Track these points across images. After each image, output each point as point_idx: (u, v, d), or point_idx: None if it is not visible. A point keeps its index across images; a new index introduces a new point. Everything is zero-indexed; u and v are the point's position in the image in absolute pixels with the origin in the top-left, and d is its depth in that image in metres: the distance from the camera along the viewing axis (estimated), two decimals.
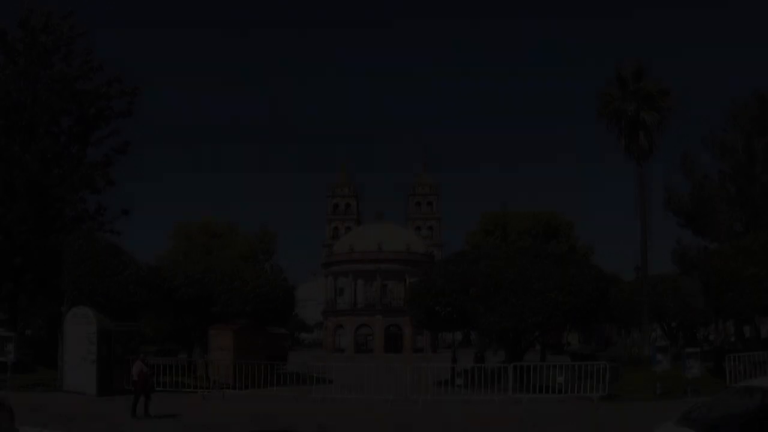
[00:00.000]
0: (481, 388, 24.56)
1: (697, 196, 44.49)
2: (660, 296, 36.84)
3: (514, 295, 27.19)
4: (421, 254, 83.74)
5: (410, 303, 31.68)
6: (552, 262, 29.54)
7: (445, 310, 29.87)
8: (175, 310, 33.95)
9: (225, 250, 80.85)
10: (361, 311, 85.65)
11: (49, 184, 30.51)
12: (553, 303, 26.98)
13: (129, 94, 32.54)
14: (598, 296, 28.50)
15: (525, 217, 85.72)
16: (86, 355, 24.04)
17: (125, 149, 33.02)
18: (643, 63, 32.09)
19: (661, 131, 31.74)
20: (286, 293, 33.62)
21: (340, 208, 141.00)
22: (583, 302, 27.78)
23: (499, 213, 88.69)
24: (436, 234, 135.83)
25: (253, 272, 33.43)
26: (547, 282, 27.25)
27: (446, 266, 30.50)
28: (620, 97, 31.82)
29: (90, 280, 25.00)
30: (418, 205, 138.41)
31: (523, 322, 27.21)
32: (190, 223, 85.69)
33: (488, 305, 27.58)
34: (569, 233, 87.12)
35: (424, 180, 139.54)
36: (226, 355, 28.23)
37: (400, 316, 78.30)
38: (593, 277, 28.71)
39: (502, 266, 28.03)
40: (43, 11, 31.64)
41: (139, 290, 26.11)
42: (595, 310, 29.37)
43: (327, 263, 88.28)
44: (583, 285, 27.67)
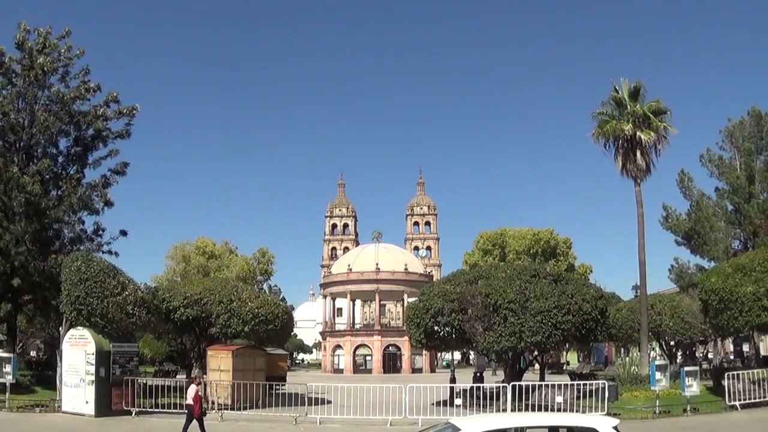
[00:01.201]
0: (480, 408, 24.49)
1: (695, 214, 44.59)
2: (658, 314, 36.89)
3: (512, 315, 27.16)
4: (420, 274, 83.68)
5: (408, 323, 31.59)
6: (550, 281, 29.55)
7: (443, 330, 29.80)
8: (173, 330, 33.91)
9: (223, 270, 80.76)
10: (360, 331, 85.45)
11: (48, 205, 30.55)
12: (551, 322, 26.94)
13: (127, 115, 32.67)
14: (596, 315, 28.49)
15: (523, 236, 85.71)
16: (84, 376, 23.99)
17: (123, 170, 33.11)
18: (640, 83, 32.26)
19: (658, 150, 31.86)
20: (284, 314, 33.59)
21: (338, 229, 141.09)
22: (582, 321, 27.77)
23: (497, 232, 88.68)
24: (434, 254, 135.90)
25: (252, 293, 33.39)
26: (546, 301, 27.23)
27: (444, 286, 30.44)
28: (617, 117, 31.99)
29: (88, 301, 24.96)
30: (416, 225, 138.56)
31: (521, 341, 27.16)
32: (187, 244, 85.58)
33: (487, 325, 27.52)
34: (567, 252, 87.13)
35: (422, 200, 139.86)
36: (225, 376, 28.17)
37: (398, 336, 78.20)
38: (592, 296, 28.69)
39: (501, 286, 28.01)
40: (40, 32, 31.82)
41: (137, 311, 26.05)
42: (594, 329, 29.35)
43: (325, 283, 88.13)
44: (581, 304, 27.66)
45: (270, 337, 33.18)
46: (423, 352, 74.90)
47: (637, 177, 31.67)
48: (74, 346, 24.66)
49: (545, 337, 27.10)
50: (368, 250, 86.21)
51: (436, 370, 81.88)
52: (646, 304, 32.19)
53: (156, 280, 75.12)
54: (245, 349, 31.60)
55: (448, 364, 71.47)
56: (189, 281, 38.29)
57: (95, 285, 25.19)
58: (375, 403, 22.78)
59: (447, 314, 28.47)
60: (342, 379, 59.78)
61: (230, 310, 30.71)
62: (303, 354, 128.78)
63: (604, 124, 31.86)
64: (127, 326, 25.95)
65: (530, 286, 28.16)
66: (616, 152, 32.03)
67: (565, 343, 35.27)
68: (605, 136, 31.88)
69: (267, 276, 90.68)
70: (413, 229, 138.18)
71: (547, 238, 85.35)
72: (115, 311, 25.11)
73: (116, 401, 24.00)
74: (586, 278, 63.39)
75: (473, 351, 49.55)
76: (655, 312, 36.22)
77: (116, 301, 25.23)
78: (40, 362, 48.26)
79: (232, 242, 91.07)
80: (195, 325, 32.33)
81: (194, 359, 33.82)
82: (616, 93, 32.22)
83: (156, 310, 28.43)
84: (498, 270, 31.29)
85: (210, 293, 31.23)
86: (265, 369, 31.95)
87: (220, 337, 31.85)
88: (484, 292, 27.84)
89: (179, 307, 30.55)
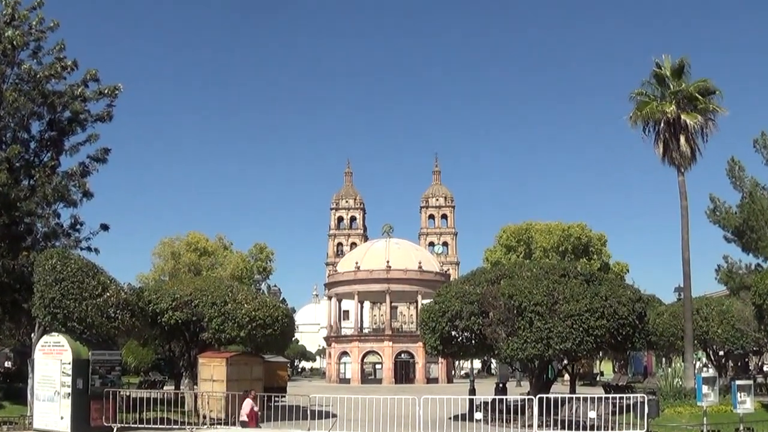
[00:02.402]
0: (503, 424, 24.40)
1: (747, 208, 44.12)
2: (705, 320, 36.52)
3: (539, 319, 27.08)
4: (435, 273, 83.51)
5: (423, 327, 31.59)
6: (582, 281, 29.48)
7: (461, 336, 29.85)
8: (160, 336, 33.89)
9: (216, 269, 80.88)
10: (369, 337, 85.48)
11: (18, 196, 30.41)
12: (583, 327, 26.86)
13: (108, 95, 32.51)
14: (634, 320, 28.37)
15: (551, 232, 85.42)
16: (59, 389, 23.91)
17: (104, 157, 32.98)
18: (685, 59, 31.83)
19: (706, 135, 31.52)
20: (284, 317, 33.52)
21: (344, 222, 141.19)
22: (618, 327, 27.66)
23: (522, 227, 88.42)
24: (451, 250, 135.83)
25: (248, 294, 33.35)
26: (577, 304, 27.15)
27: (463, 286, 30.39)
28: (658, 98, 31.66)
29: (64, 304, 24.84)
30: (431, 219, 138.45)
31: (549, 348, 27.10)
32: (176, 239, 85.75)
33: (510, 330, 27.49)
34: (601, 249, 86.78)
35: (437, 190, 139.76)
36: (218, 387, 28.15)
37: (411, 343, 78.09)
38: (629, 298, 28.57)
39: (526, 286, 27.94)
40: (8, 2, 31.63)
41: (120, 315, 25.93)
42: (631, 336, 29.23)
43: (330, 283, 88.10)
44: (617, 307, 27.55)
45: (268, 343, 33.14)
46: (439, 360, 74.78)
47: (681, 165, 31.36)
48: (48, 355, 24.57)
49: (576, 344, 27.02)
50: (378, 246, 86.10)
51: (453, 380, 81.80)
52: (690, 309, 31.90)
53: (141, 280, 75.27)
54: (241, 356, 31.60)
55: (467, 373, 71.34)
56: (178, 281, 38.25)
57: (72, 285, 25.09)
58: (385, 417, 22.70)
59: (466, 318, 28.44)
60: (349, 389, 59.77)
61: (224, 313, 30.66)
62: (305, 362, 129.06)
63: (644, 106, 31.56)
64: (109, 332, 25.85)
65: (559, 286, 28.07)
66: (656, 137, 31.75)
67: (598, 351, 35.10)
68: (645, 119, 31.60)
69: (265, 275, 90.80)
70: (428, 223, 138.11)
71: (578, 233, 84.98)
72: (95, 315, 25.02)
73: (96, 416, 23.91)
74: (622, 278, 63.17)
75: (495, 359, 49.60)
76: (701, 317, 35.86)
77: (96, 304, 25.13)
78: (9, 373, 48.40)
79: (226, 237, 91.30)
80: (185, 329, 32.33)
81: (184, 368, 33.84)
82: (657, 70, 31.86)
83: (141, 313, 28.34)
84: (523, 269, 31.20)
85: (202, 294, 31.19)
86: (263, 379, 32.03)
87: (212, 343, 31.85)
88: (507, 293, 27.78)
89: (167, 310, 30.49)
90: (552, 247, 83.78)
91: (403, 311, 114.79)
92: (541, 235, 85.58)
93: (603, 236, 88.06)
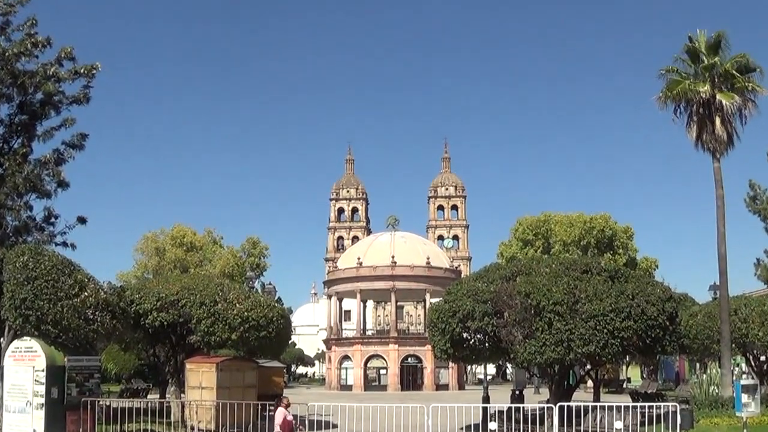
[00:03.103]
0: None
1: None
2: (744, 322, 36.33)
3: (559, 319, 27.02)
4: (445, 269, 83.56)
5: (431, 329, 31.51)
6: (606, 278, 29.44)
7: (474, 338, 29.80)
8: (143, 340, 33.92)
9: (205, 266, 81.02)
10: (372, 339, 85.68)
11: None
12: (608, 329, 26.79)
13: (85, 75, 32.46)
14: (664, 321, 28.28)
15: (572, 224, 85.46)
16: (32, 398, 23.91)
17: (81, 143, 32.94)
18: (722, 34, 31.54)
19: (744, 117, 31.34)
20: (280, 318, 33.47)
21: (345, 214, 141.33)
22: (646, 328, 27.57)
23: (540, 218, 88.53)
24: (462, 244, 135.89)
25: (241, 293, 33.29)
26: (601, 303, 27.08)
27: (475, 284, 30.33)
28: (691, 76, 31.49)
29: (37, 305, 24.80)
30: (440, 210, 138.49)
31: (570, 352, 27.05)
32: (161, 233, 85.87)
33: (527, 331, 27.45)
34: (627, 243, 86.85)
35: (447, 179, 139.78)
36: (207, 395, 28.14)
37: (419, 346, 78.22)
38: (658, 297, 28.48)
39: (544, 284, 27.88)
40: None
41: (99, 316, 25.92)
42: (661, 339, 29.14)
43: (330, 281, 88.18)
44: (645, 307, 27.47)
45: (263, 347, 33.13)
46: (449, 365, 74.98)
47: (716, 150, 31.22)
48: (19, 361, 24.56)
49: (600, 348, 26.96)
50: (382, 240, 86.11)
51: (465, 387, 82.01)
52: (727, 309, 31.77)
53: (123, 278, 75.42)
54: (232, 361, 31.59)
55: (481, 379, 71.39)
56: (163, 279, 38.19)
57: (46, 285, 25.07)
58: (391, 427, 22.75)
59: (478, 318, 28.38)
60: (351, 397, 59.79)
61: (214, 314, 30.62)
62: (303, 367, 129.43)
63: (675, 85, 31.38)
64: (87, 335, 25.84)
65: (581, 284, 28.03)
66: (689, 120, 31.61)
67: (624, 355, 35.01)
68: (676, 99, 31.44)
69: (259, 272, 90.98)
70: (437, 215, 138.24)
71: (601, 225, 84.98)
72: (71, 317, 24.99)
73: (72, 429, 23.93)
74: (650, 275, 63.03)
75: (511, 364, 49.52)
76: (740, 318, 35.67)
77: (73, 305, 25.10)
78: None
79: (216, 231, 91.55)
80: (170, 332, 32.34)
81: (170, 375, 33.87)
82: (691, 45, 31.64)
83: (122, 314, 28.34)
84: (541, 264, 31.16)
85: (189, 293, 31.15)
86: (257, 386, 32.04)
87: (201, 347, 31.88)
88: (523, 291, 27.74)
89: (151, 311, 30.45)
90: (573, 241, 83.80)
91: (410, 311, 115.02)
92: (561, 228, 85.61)
93: (629, 229, 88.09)
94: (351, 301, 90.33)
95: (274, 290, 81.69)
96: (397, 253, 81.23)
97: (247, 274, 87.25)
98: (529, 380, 64.17)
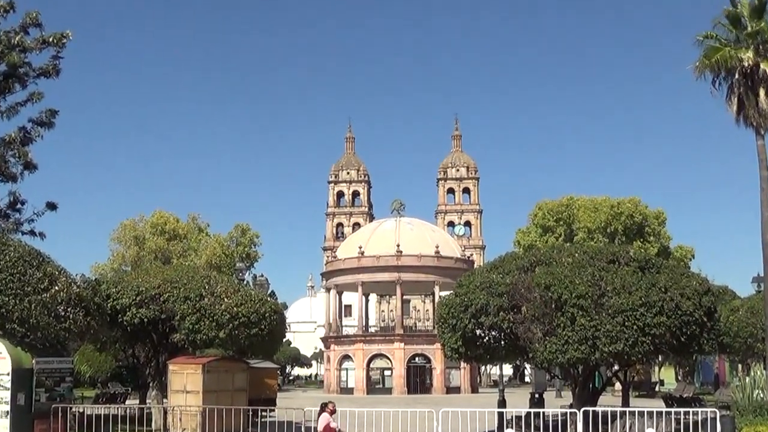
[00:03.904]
0: None
1: None
2: None
3: (583, 315, 27.01)
4: (456, 259, 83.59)
5: (441, 325, 31.54)
6: (635, 269, 29.41)
7: (488, 335, 29.79)
8: (121, 339, 33.96)
9: (190, 256, 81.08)
10: (376, 337, 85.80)
11: None
12: (637, 326, 26.79)
13: (54, 45, 32.41)
14: (701, 317, 28.28)
15: (597, 208, 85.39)
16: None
17: (50, 121, 32.93)
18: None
19: None
20: (273, 313, 33.55)
21: (345, 198, 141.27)
22: (681, 325, 27.57)
23: (562, 202, 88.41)
24: (475, 232, 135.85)
25: (229, 286, 33.36)
26: (629, 297, 27.08)
27: (490, 275, 30.31)
28: (732, 43, 31.32)
29: (2, 301, 24.88)
30: (450, 193, 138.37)
31: (595, 351, 27.04)
32: (140, 221, 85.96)
33: (548, 328, 27.46)
34: (659, 230, 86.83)
35: (458, 159, 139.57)
36: (192, 399, 28.19)
37: (427, 344, 78.34)
38: (694, 290, 28.47)
39: (567, 275, 27.87)
40: None
41: (71, 313, 25.97)
42: (698, 337, 29.14)
43: (328, 272, 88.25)
44: (679, 301, 27.47)
45: (254, 346, 33.23)
46: (461, 365, 75.12)
47: (760, 126, 31.06)
48: None
49: (629, 346, 26.96)
50: (386, 227, 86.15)
51: (479, 389, 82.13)
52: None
53: (98, 271, 75.56)
54: (220, 362, 31.69)
55: (496, 381, 71.48)
56: (143, 271, 38.29)
57: (12, 278, 25.13)
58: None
59: (493, 313, 28.40)
60: (352, 401, 59.87)
61: (200, 310, 30.72)
62: (299, 368, 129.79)
63: (714, 53, 31.19)
64: (57, 334, 25.90)
65: (607, 275, 28.05)
66: (729, 91, 31.43)
67: (656, 354, 35.00)
68: (714, 68, 31.24)
69: (250, 263, 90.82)
70: (447, 199, 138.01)
71: (630, 210, 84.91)
72: (40, 314, 25.03)
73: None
74: (685, 266, 63.05)
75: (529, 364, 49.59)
76: None
77: (42, 300, 25.15)
78: None
79: (201, 218, 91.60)
80: (151, 330, 32.47)
81: (151, 377, 33.96)
82: (732, 9, 31.48)
83: (98, 311, 28.40)
84: (563, 253, 31.13)
85: (172, 287, 31.29)
86: (247, 389, 32.11)
87: (186, 347, 31.99)
88: (543, 284, 27.75)
89: (130, 307, 30.57)
90: (598, 228, 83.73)
91: (417, 306, 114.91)
92: (585, 213, 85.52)
93: (661, 214, 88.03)
94: (352, 294, 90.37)
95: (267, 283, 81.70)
96: (403, 242, 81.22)
97: (236, 265, 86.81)
98: (549, 382, 64.29)
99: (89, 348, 47.23)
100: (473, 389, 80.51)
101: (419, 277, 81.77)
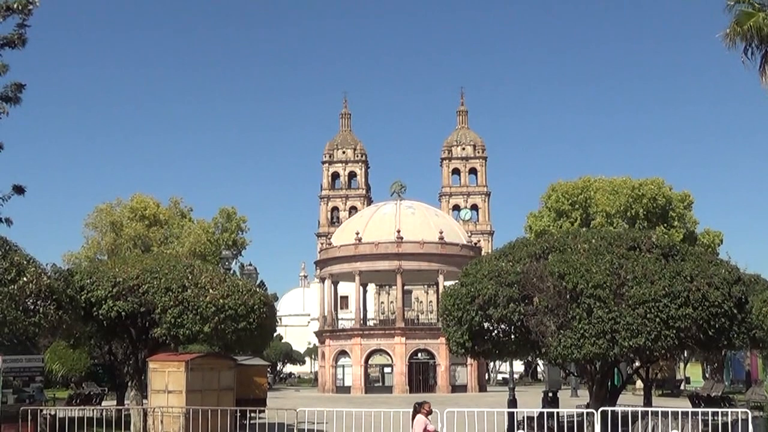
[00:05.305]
0: None
1: None
2: None
3: (600, 306, 26.97)
4: (461, 246, 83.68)
5: (446, 318, 31.51)
6: (658, 256, 29.35)
7: (497, 328, 29.77)
8: (97, 334, 33.96)
9: (171, 243, 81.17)
10: (374, 331, 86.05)
11: None
12: (660, 318, 26.74)
13: (19, 12, 32.33)
14: (730, 308, 28.17)
15: (616, 190, 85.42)
16: None
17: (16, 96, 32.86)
18: None
19: None
20: (263, 306, 33.57)
21: (341, 180, 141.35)
22: (708, 317, 27.50)
23: (577, 184, 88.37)
24: (482, 216, 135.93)
25: (214, 276, 33.38)
26: (652, 286, 27.03)
27: (499, 263, 30.28)
28: (766, 8, 31.29)
29: None
30: (455, 174, 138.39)
31: (615, 346, 27.02)
32: (117, 205, 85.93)
33: (562, 321, 27.42)
34: (684, 214, 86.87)
35: (464, 136, 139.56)
36: (175, 400, 28.23)
37: (431, 338, 78.71)
38: (723, 279, 28.39)
39: (583, 263, 27.83)
40: None
41: (41, 306, 25.98)
42: (728, 330, 29.05)
43: (323, 261, 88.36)
44: (707, 291, 27.39)
45: (242, 341, 33.29)
46: (467, 362, 75.20)
47: None
48: None
49: (651, 340, 26.93)
50: (386, 212, 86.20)
51: (487, 388, 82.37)
52: None
53: (71, 260, 75.64)
54: (205, 358, 31.77)
55: (506, 379, 71.64)
56: (120, 260, 38.23)
57: None
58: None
59: (502, 305, 28.36)
60: (349, 401, 60.13)
61: (182, 302, 30.74)
62: (291, 365, 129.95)
63: (746, 19, 31.20)
64: (26, 330, 25.92)
65: (627, 263, 28.01)
66: (763, 61, 31.47)
67: (681, 349, 35.01)
68: (747, 36, 31.27)
69: (237, 250, 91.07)
70: (452, 180, 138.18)
71: (653, 193, 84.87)
72: (7, 307, 25.05)
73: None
74: (713, 252, 63.06)
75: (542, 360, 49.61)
76: None
77: (9, 292, 25.16)
78: None
79: (183, 202, 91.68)
80: (130, 324, 32.49)
81: (129, 376, 33.97)
82: None
83: (70, 304, 28.41)
84: (579, 240, 31.06)
85: (152, 277, 31.30)
86: (234, 388, 32.11)
87: (167, 342, 32.03)
88: (557, 272, 27.71)
89: (106, 299, 30.55)
90: (618, 212, 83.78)
91: (420, 297, 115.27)
92: (603, 196, 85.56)
93: (687, 196, 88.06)
94: (348, 285, 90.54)
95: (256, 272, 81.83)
96: (404, 227, 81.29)
97: (222, 253, 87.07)
98: (564, 380, 64.41)
99: (61, 345, 47.26)
100: (481, 388, 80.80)
101: (421, 265, 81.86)
